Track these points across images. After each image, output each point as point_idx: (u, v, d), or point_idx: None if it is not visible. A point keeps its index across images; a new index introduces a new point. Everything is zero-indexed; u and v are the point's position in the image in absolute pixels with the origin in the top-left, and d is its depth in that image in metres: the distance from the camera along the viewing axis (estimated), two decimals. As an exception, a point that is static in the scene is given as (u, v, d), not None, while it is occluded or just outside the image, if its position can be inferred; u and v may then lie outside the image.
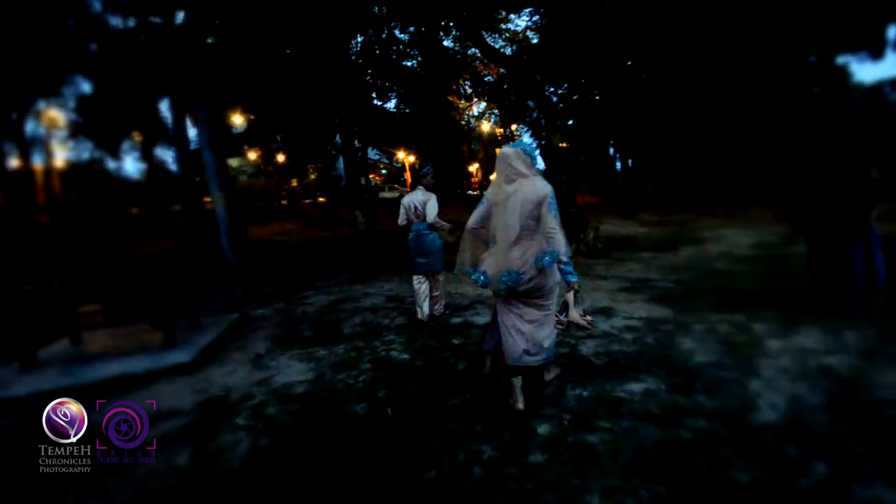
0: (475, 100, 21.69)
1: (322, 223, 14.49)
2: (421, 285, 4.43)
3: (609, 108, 22.12)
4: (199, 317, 4.44)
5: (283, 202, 20.11)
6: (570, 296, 3.00)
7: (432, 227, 4.34)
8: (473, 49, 18.36)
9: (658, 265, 6.63)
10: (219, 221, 7.96)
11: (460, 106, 20.62)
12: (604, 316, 4.30)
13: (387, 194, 23.24)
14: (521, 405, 2.45)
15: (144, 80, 10.84)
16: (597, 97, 23.53)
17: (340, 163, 25.49)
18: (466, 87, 16.36)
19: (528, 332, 2.40)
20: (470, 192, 25.17)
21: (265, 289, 6.85)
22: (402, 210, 4.40)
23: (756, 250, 7.43)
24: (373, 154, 27.39)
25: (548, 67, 14.02)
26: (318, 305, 5.57)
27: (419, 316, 4.44)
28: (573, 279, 2.42)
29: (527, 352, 2.41)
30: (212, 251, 8.40)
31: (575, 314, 3.20)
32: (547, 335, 2.45)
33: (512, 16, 20.41)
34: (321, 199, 17.75)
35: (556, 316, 2.75)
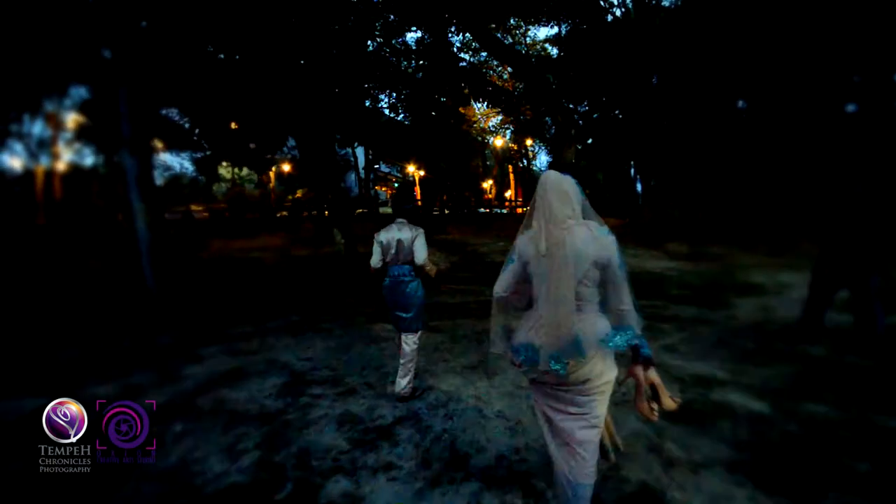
0: (488, 112, 19.73)
1: (310, 239, 12.61)
2: (408, 344, 3.23)
3: (631, 126, 19.97)
4: None
5: (284, 214, 18.48)
6: (654, 374, 1.68)
7: (419, 270, 3.22)
8: (484, 54, 16.54)
9: (713, 339, 4.37)
10: (139, 240, 6.06)
11: (473, 119, 18.64)
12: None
13: (388, 210, 21.31)
14: None
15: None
16: (618, 115, 21.41)
17: (352, 176, 23.94)
18: (477, 97, 14.35)
19: (580, 440, 1.60)
20: (481, 209, 23.09)
21: (162, 337, 4.87)
22: (376, 248, 3.21)
23: (847, 313, 5.10)
24: (384, 168, 25.65)
25: (567, 82, 12.04)
26: (194, 382, 3.56)
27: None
28: (649, 352, 1.61)
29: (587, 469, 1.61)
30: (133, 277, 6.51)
31: (668, 400, 1.72)
32: (600, 431, 1.65)
33: (529, 26, 18.59)
34: (315, 213, 16.03)
35: (651, 406, 1.66)
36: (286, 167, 19.17)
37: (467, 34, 13.13)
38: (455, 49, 13.88)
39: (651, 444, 2.45)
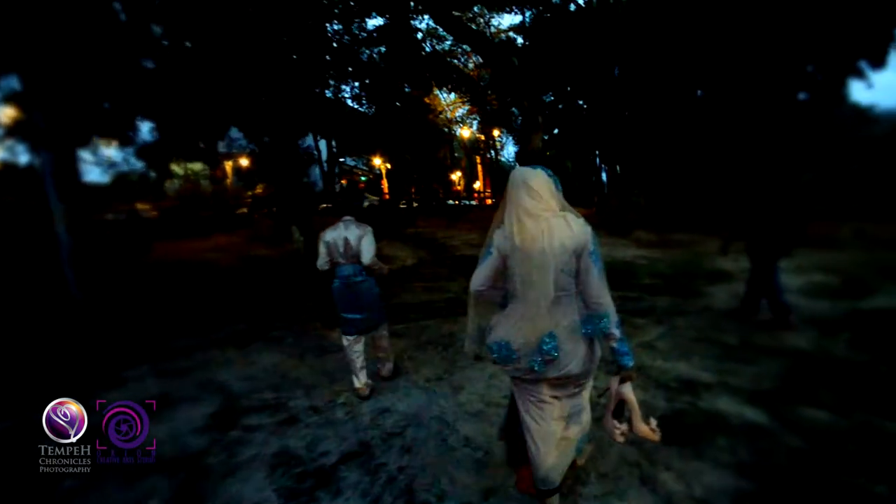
0: (454, 103, 19.18)
1: (270, 238, 11.79)
2: (355, 348, 3.16)
3: (595, 115, 19.92)
4: None
5: (243, 211, 17.37)
6: (629, 391, 1.54)
7: (369, 270, 3.10)
8: (448, 43, 15.95)
9: (692, 334, 4.06)
10: (60, 244, 5.26)
11: (439, 109, 18.05)
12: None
13: (355, 204, 20.52)
14: None
15: None
16: (582, 105, 21.33)
17: (317, 170, 22.86)
18: (442, 84, 13.76)
19: (558, 434, 1.63)
20: (449, 201, 22.59)
21: (81, 355, 4.15)
22: (322, 248, 3.08)
23: (821, 299, 4.95)
24: (349, 161, 24.72)
25: (532, 69, 11.64)
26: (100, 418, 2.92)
27: (356, 385, 3.14)
28: (631, 363, 1.53)
29: (555, 468, 1.64)
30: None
31: (642, 425, 1.54)
32: (582, 428, 1.70)
33: (493, 14, 18.10)
34: (275, 210, 15.11)
35: (618, 426, 1.56)
36: (244, 161, 17.99)
37: (431, 21, 12.50)
38: (419, 37, 13.23)
39: (643, 474, 2.06)
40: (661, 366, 3.32)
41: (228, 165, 19.14)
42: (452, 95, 18.91)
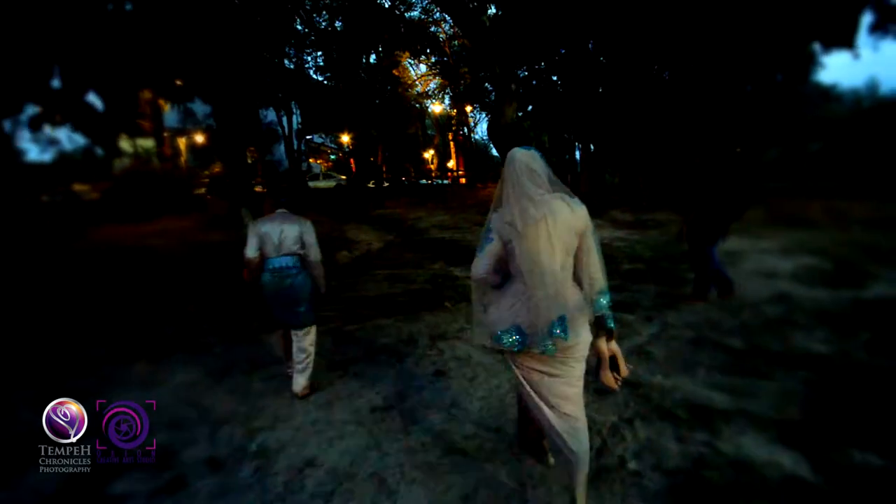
0: (425, 75, 17.95)
1: (223, 220, 10.62)
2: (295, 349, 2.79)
3: (569, 92, 19.14)
4: None
5: (201, 192, 15.90)
6: (616, 345, 1.61)
7: (304, 263, 2.76)
8: (416, 12, 14.65)
9: (690, 336, 3.43)
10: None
11: (408, 82, 16.83)
12: None
13: (321, 184, 19.10)
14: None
15: None
16: (556, 81, 20.47)
17: (282, 147, 21.29)
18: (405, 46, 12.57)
19: (566, 397, 1.59)
20: (422, 181, 21.55)
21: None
22: (253, 239, 2.70)
23: (820, 287, 4.43)
24: (317, 139, 23.17)
25: (504, 35, 10.68)
26: None
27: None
28: (613, 324, 1.58)
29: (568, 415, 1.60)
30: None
31: (609, 375, 1.62)
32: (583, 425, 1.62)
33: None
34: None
35: (615, 376, 1.62)
36: (199, 138, 16.37)
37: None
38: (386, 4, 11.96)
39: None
40: (661, 383, 2.65)
41: (182, 142, 17.46)
42: (423, 68, 17.66)
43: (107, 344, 3.91)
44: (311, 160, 25.49)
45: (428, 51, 12.99)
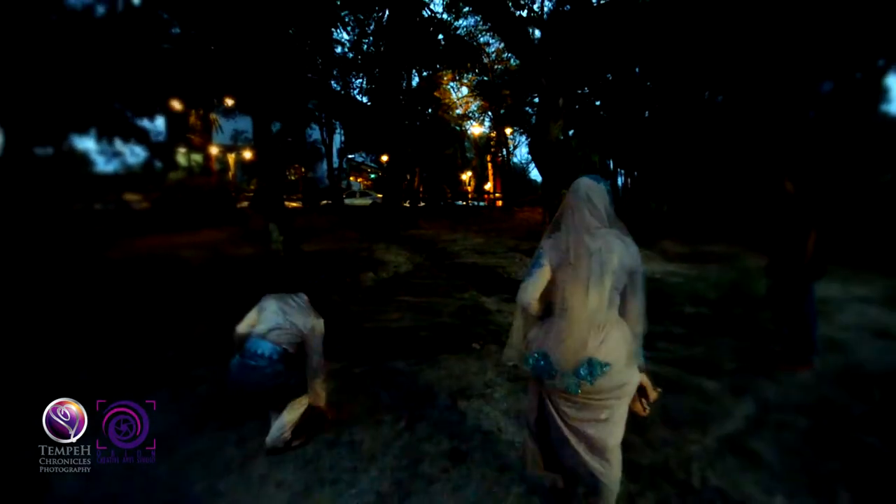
0: (467, 98, 17.60)
1: (257, 234, 10.40)
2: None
3: (614, 116, 18.21)
4: None
5: (245, 205, 16.10)
6: (645, 378, 1.55)
7: (291, 365, 2.18)
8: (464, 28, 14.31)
9: (804, 419, 2.47)
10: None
11: (450, 104, 16.50)
12: None
13: (357, 201, 18.93)
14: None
15: None
16: (599, 105, 19.58)
17: (325, 165, 21.51)
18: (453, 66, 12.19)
19: (593, 436, 1.48)
20: (460, 202, 20.98)
21: None
22: (254, 313, 2.29)
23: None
24: (358, 158, 23.32)
25: (552, 56, 10.06)
26: None
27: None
28: (644, 357, 1.50)
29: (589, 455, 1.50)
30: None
31: (637, 403, 1.57)
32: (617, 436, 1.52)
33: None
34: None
35: (640, 402, 1.58)
36: (248, 154, 16.70)
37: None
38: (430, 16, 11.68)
39: None
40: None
41: (231, 158, 17.90)
42: (464, 91, 17.32)
43: (95, 368, 3.41)
44: (351, 178, 25.70)
45: (471, 66, 12.55)
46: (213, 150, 17.18)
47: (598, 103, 19.56)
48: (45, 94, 10.46)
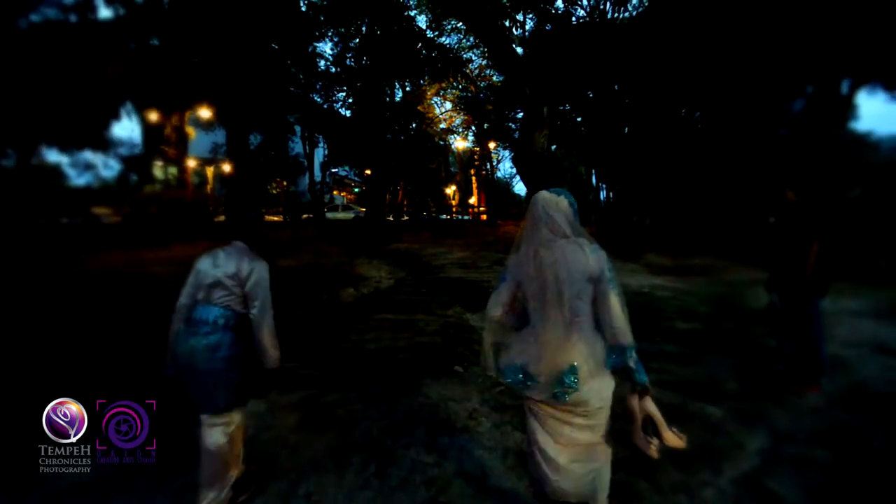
0: (450, 113, 17.55)
1: (231, 249, 9.89)
2: (213, 437, 1.84)
3: (594, 131, 18.41)
4: None
5: (223, 219, 15.55)
6: (651, 404, 1.45)
7: (239, 327, 1.82)
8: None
9: (824, 452, 2.20)
10: None
11: (433, 118, 16.38)
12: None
13: (339, 215, 18.51)
14: None
15: None
16: (579, 121, 19.80)
17: (306, 178, 21.07)
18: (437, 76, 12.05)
19: (566, 458, 1.46)
20: (444, 216, 20.74)
21: None
22: (190, 279, 1.87)
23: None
24: (341, 171, 22.97)
25: (536, 67, 10.03)
26: None
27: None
28: (646, 378, 1.44)
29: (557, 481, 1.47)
30: None
31: (669, 434, 1.44)
32: (600, 468, 1.48)
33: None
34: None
35: (650, 440, 1.44)
36: (227, 167, 16.23)
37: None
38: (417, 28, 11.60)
39: None
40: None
41: (210, 171, 17.34)
42: (448, 105, 17.26)
43: (28, 395, 2.94)
44: (335, 192, 25.25)
45: (453, 76, 12.43)
46: (191, 163, 16.61)
47: (578, 119, 19.80)
48: (7, 101, 9.90)
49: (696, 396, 2.79)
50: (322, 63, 16.26)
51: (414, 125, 16.47)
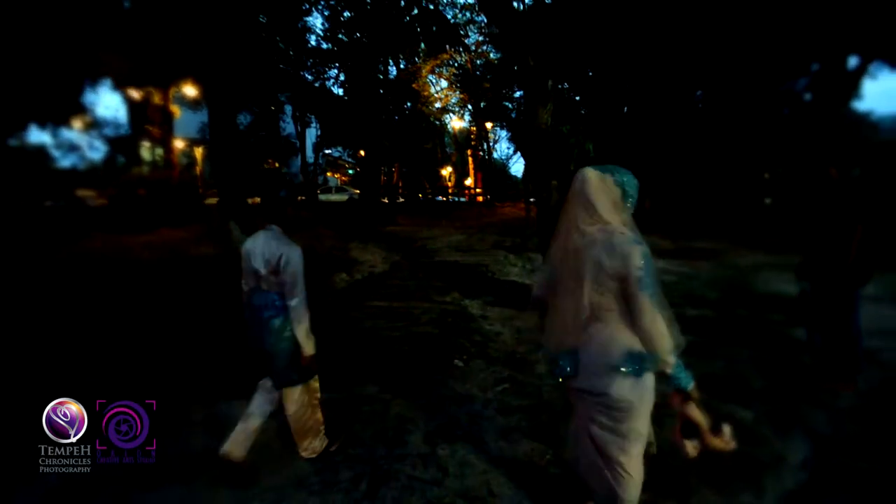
0: (447, 91, 16.89)
1: (217, 233, 9.48)
2: (258, 402, 2.04)
3: (594, 111, 17.87)
4: None
5: (213, 202, 15.02)
6: (693, 409, 1.31)
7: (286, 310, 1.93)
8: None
9: (880, 459, 1.92)
10: None
11: (429, 97, 15.76)
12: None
13: (333, 197, 18.00)
14: None
15: None
16: (578, 100, 19.20)
17: (298, 160, 20.39)
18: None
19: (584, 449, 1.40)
20: (440, 198, 20.28)
21: None
22: (243, 266, 2.01)
23: None
24: (335, 153, 22.30)
25: (539, 34, 9.47)
26: None
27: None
28: (690, 383, 1.27)
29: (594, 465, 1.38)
30: None
31: (715, 440, 1.34)
32: (631, 476, 1.33)
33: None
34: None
35: (689, 442, 1.33)
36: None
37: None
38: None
39: None
40: None
41: (199, 152, 16.67)
42: (444, 83, 16.59)
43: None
44: (328, 174, 24.59)
45: (455, 48, 11.81)
46: (179, 144, 15.93)
47: (577, 98, 19.17)
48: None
49: (722, 396, 2.51)
50: (313, 39, 15.53)
51: (409, 104, 15.84)
